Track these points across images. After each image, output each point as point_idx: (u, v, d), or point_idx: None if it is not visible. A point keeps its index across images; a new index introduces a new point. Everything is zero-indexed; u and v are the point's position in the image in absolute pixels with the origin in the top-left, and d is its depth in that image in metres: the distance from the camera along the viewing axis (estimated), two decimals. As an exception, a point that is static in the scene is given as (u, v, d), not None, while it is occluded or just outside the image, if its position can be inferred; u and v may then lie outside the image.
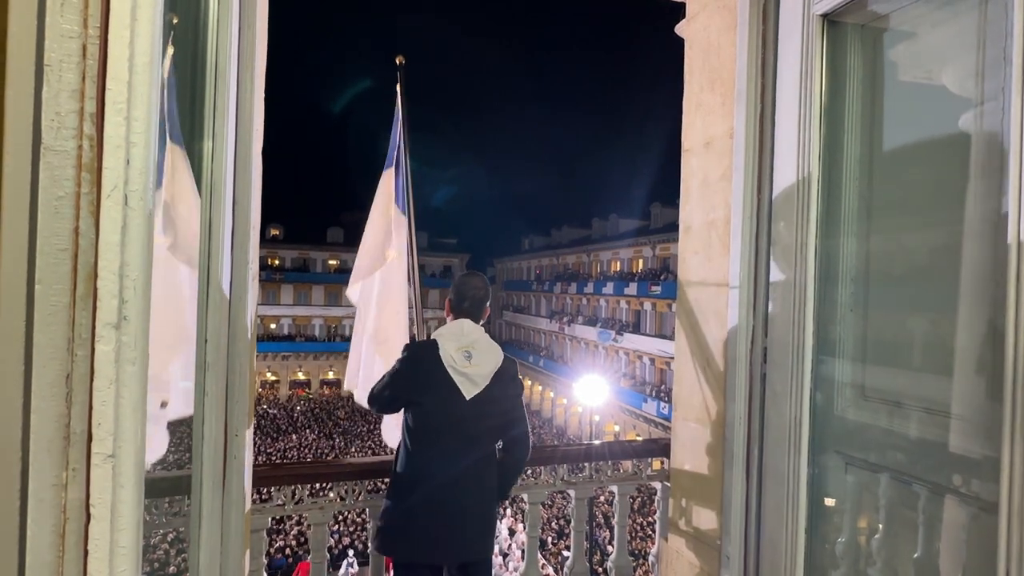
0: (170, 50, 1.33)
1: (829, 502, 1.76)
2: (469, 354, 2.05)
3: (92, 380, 0.56)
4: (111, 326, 0.56)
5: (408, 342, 2.18)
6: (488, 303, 2.22)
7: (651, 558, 2.80)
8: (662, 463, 2.68)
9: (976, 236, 1.37)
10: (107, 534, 0.56)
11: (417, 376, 2.05)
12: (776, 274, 1.85)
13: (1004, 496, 1.18)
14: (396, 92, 3.25)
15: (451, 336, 2.08)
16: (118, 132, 0.56)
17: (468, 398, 2.01)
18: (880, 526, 1.65)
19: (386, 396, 2.13)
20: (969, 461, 1.36)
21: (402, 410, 2.13)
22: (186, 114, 1.25)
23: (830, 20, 1.73)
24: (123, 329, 0.57)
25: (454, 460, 2.01)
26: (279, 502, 2.24)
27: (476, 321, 2.17)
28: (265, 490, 2.26)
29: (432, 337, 2.11)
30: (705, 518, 2.16)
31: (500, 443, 2.17)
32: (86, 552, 0.55)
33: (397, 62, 3.30)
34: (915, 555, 1.53)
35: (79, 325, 0.55)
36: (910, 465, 1.54)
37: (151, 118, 0.58)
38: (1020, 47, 1.20)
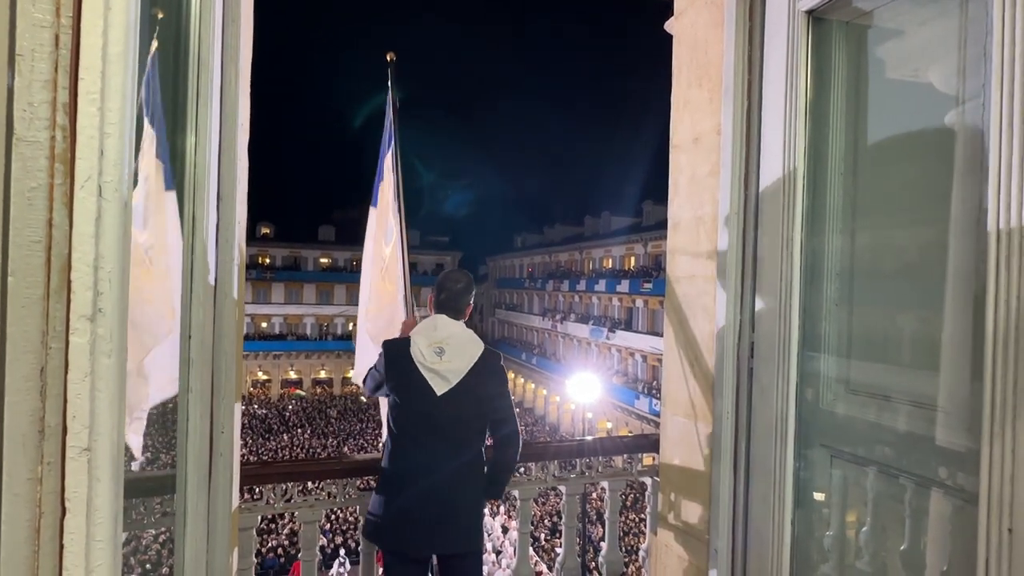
0: (154, 45, 1.31)
1: (815, 495, 1.78)
2: (441, 350, 2.05)
3: (67, 373, 0.55)
4: (86, 318, 0.55)
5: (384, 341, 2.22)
6: (469, 298, 2.21)
7: (642, 553, 2.82)
8: (653, 459, 2.69)
9: (959, 232, 1.39)
10: (83, 528, 0.55)
11: (390, 373, 2.09)
12: (763, 269, 1.86)
13: (984, 487, 1.20)
14: (387, 89, 3.25)
15: (423, 332, 2.10)
16: (92, 123, 0.55)
17: (439, 394, 2.01)
18: (865, 518, 1.66)
19: (370, 386, 2.26)
20: (952, 454, 1.38)
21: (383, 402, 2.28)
22: (169, 108, 1.24)
23: (815, 17, 1.74)
24: (98, 322, 0.56)
25: (430, 455, 2.03)
26: (269, 500, 2.23)
27: (456, 316, 2.15)
28: (257, 489, 2.25)
29: (409, 335, 2.12)
30: (693, 512, 2.17)
31: (489, 439, 2.19)
32: (61, 546, 0.55)
33: (388, 59, 3.30)
34: (899, 546, 1.55)
35: (53, 318, 0.55)
36: (894, 458, 1.56)
37: (126, 109, 0.57)
38: (1000, 44, 1.21)
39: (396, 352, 2.11)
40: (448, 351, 2.05)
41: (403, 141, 3.20)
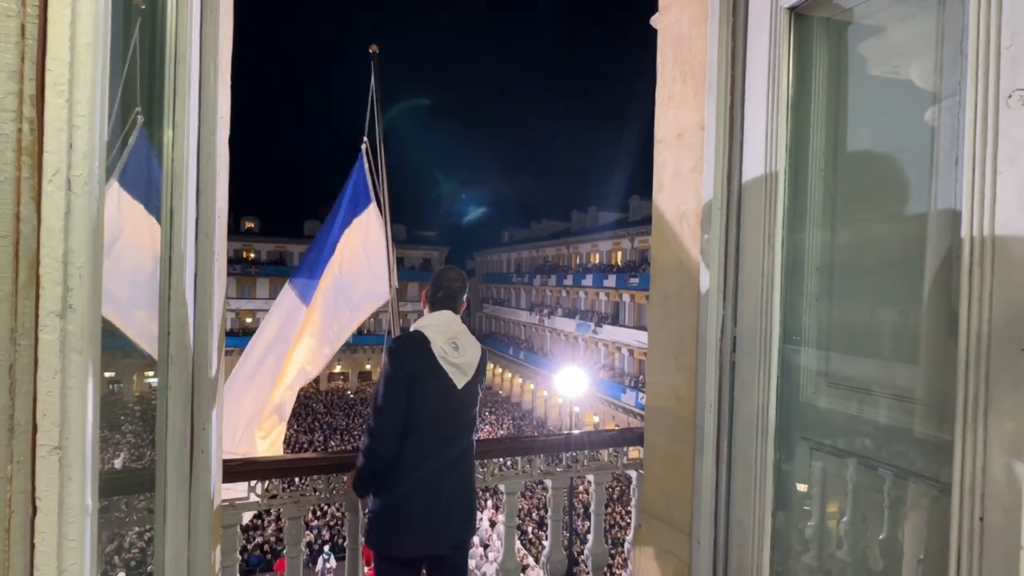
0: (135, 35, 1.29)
1: (795, 486, 1.80)
2: (456, 345, 2.09)
3: (36, 370, 0.54)
4: (55, 315, 0.54)
5: (391, 340, 2.17)
6: (465, 295, 2.25)
7: (627, 545, 2.85)
8: (639, 452, 2.71)
9: (936, 227, 1.41)
10: (55, 527, 0.54)
11: (412, 370, 2.00)
12: (745, 264, 1.88)
13: (957, 477, 1.23)
14: (371, 82, 3.23)
15: (437, 328, 2.10)
16: (60, 115, 0.54)
17: (460, 387, 2.06)
18: (844, 509, 1.70)
19: (388, 418, 1.97)
20: (929, 445, 1.41)
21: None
22: (145, 101, 1.22)
23: (797, 13, 1.75)
24: (68, 318, 0.55)
25: (446, 449, 2.06)
26: (253, 497, 2.21)
27: (455, 312, 2.20)
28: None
29: (414, 329, 2.11)
30: (677, 504, 2.20)
31: None
32: (33, 546, 0.53)
33: (371, 51, 3.28)
34: (877, 536, 1.58)
35: (22, 314, 0.53)
36: (873, 449, 1.59)
37: (95, 101, 0.56)
38: (975, 42, 1.23)
39: (415, 347, 2.03)
40: (460, 345, 2.10)
41: (388, 136, 3.21)
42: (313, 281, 3.18)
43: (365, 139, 3.22)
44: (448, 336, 2.08)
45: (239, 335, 35.09)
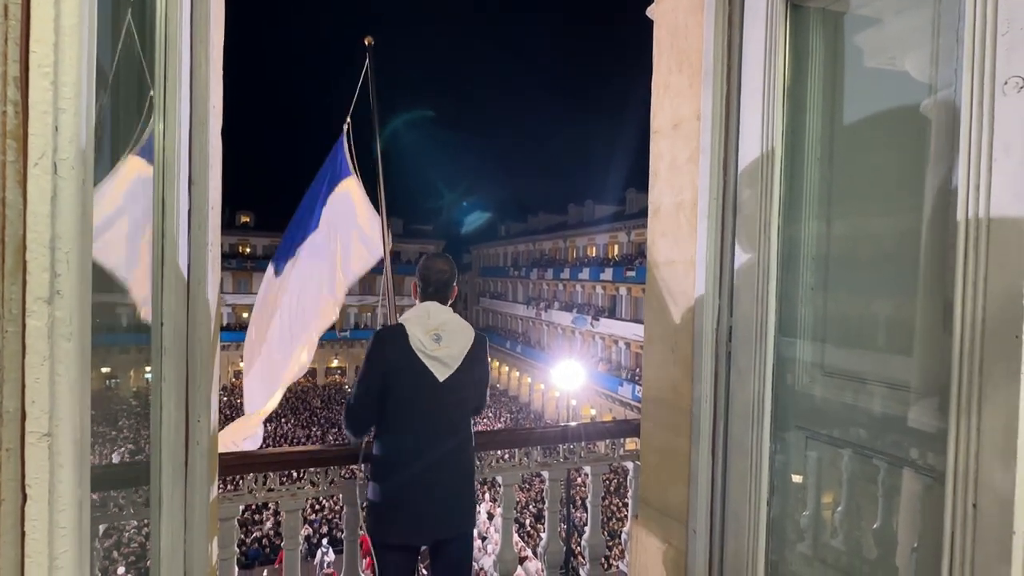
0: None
1: (790, 476, 1.81)
2: (439, 336, 2.06)
3: (24, 357, 0.53)
4: (43, 300, 0.53)
5: (376, 330, 2.18)
6: (455, 282, 2.23)
7: (624, 536, 2.86)
8: (635, 443, 2.72)
9: (932, 217, 1.41)
10: (45, 514, 0.53)
11: (388, 361, 2.03)
12: (741, 254, 1.88)
13: (950, 466, 1.23)
14: (366, 74, 3.21)
15: (418, 320, 2.09)
16: (44, 97, 0.53)
17: (441, 380, 2.03)
18: (839, 498, 1.70)
19: (359, 405, 2.04)
20: (923, 434, 1.41)
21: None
22: (134, 90, 1.20)
23: (793, 3, 1.74)
24: (56, 304, 0.54)
25: (431, 442, 2.03)
26: (250, 490, 2.21)
27: (443, 302, 2.17)
28: (240, 479, 2.24)
29: (399, 322, 2.11)
30: (673, 495, 2.20)
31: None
32: (23, 534, 0.53)
33: (366, 43, 3.26)
34: (872, 524, 1.59)
35: (8, 300, 0.53)
36: (868, 439, 1.59)
37: (81, 83, 0.54)
38: (971, 29, 1.22)
39: (392, 339, 2.05)
40: (445, 337, 2.07)
41: (383, 131, 3.20)
42: (295, 254, 3.27)
43: (348, 120, 3.24)
44: (429, 328, 2.06)
45: (235, 330, 34.98)
